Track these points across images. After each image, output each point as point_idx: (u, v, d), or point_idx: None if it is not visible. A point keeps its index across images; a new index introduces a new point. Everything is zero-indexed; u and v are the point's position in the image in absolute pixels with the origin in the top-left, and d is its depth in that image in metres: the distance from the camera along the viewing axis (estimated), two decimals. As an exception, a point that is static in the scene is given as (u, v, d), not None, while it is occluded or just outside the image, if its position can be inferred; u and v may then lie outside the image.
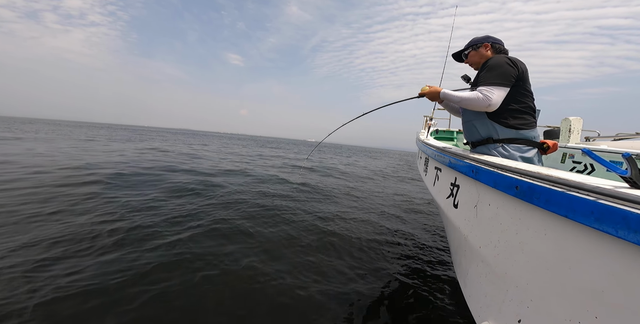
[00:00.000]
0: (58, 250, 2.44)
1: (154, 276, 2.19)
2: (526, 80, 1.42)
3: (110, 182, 4.94)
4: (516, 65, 1.39)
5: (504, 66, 1.37)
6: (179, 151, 12.49)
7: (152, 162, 7.85)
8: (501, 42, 1.60)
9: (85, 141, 14.10)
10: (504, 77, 1.36)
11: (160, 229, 3.08)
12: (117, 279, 2.07)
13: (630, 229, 0.51)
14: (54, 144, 11.12)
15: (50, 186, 4.41)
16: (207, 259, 2.53)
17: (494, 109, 1.36)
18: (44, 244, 2.51)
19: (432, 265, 2.97)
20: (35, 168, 5.58)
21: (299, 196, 5.50)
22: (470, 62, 1.68)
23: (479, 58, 1.61)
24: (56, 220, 3.12)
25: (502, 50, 1.59)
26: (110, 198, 4.03)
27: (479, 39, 1.63)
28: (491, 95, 1.33)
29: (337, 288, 2.31)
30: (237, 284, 2.21)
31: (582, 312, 0.62)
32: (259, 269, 2.46)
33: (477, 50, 1.62)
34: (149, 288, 2.03)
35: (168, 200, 4.25)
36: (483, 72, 1.43)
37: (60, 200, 3.79)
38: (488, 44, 1.59)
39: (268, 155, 15.88)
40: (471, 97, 1.37)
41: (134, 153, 9.83)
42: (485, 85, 1.37)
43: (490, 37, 1.61)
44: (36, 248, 2.44)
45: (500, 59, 1.42)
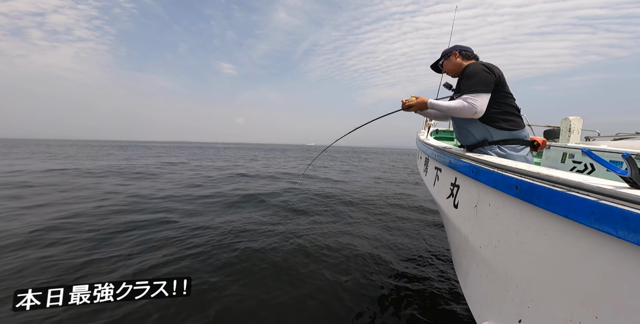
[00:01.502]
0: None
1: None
2: (504, 83, 1.50)
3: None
4: (492, 71, 1.46)
5: (481, 73, 1.44)
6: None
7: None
8: (469, 48, 1.71)
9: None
10: (483, 84, 1.42)
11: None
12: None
13: (630, 229, 0.51)
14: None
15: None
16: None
17: (480, 115, 1.42)
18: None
19: (432, 265, 2.97)
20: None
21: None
22: (446, 71, 1.78)
23: (452, 66, 1.72)
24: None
25: (471, 56, 1.69)
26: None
27: (448, 49, 1.76)
28: (475, 102, 1.38)
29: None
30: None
31: (582, 312, 0.62)
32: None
33: (449, 59, 1.72)
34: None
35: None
36: (463, 81, 1.50)
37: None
38: (456, 52, 1.70)
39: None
40: (457, 106, 1.43)
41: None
42: (467, 93, 1.42)
43: (457, 46, 1.73)
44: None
45: (476, 67, 1.48)
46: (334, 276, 2.56)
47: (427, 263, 3.00)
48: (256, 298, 2.20)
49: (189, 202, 5.38)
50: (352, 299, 2.23)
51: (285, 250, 3.11)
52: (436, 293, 2.41)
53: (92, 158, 16.56)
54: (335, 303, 2.18)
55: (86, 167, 10.86)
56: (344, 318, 2.02)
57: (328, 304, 2.15)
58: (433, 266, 2.94)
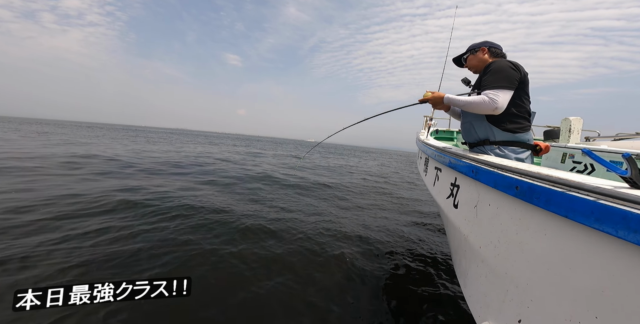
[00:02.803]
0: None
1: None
2: (527, 84, 1.45)
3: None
4: (518, 69, 1.41)
5: (507, 70, 1.39)
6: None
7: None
8: (499, 46, 1.63)
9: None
10: (508, 80, 1.37)
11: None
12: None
13: (630, 229, 0.51)
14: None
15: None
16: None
17: (500, 112, 1.37)
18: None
19: (432, 263, 2.97)
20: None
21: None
22: (470, 66, 1.72)
23: (477, 62, 1.65)
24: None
25: (500, 54, 1.62)
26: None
27: (477, 44, 1.67)
28: (497, 98, 1.34)
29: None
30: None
31: (582, 312, 0.62)
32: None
33: (475, 55, 1.66)
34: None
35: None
36: (486, 76, 1.44)
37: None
38: (485, 48, 1.63)
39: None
40: (477, 101, 1.38)
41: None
42: (490, 88, 1.37)
43: (487, 42, 1.65)
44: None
45: (503, 63, 1.43)
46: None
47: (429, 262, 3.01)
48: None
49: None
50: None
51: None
52: (436, 292, 2.41)
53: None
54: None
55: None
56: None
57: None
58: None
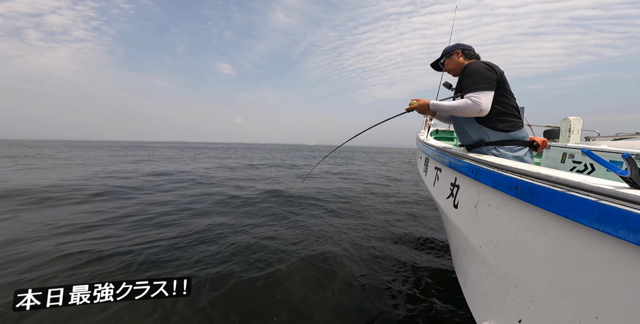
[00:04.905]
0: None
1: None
2: (505, 81, 1.48)
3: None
4: (494, 69, 1.45)
5: (483, 71, 1.43)
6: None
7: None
8: (471, 47, 1.69)
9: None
10: (487, 82, 1.41)
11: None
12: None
13: (630, 229, 0.51)
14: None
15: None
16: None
17: (486, 113, 1.40)
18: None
19: (432, 264, 2.96)
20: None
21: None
22: (447, 70, 1.77)
23: (454, 65, 1.70)
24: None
25: (473, 55, 1.67)
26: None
27: (450, 47, 1.73)
28: (480, 100, 1.37)
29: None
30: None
31: (582, 312, 0.62)
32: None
33: (451, 58, 1.71)
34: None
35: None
36: (465, 79, 1.47)
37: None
38: (459, 50, 1.68)
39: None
40: (461, 105, 1.41)
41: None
42: (471, 91, 1.41)
43: (459, 45, 1.71)
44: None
45: (478, 65, 1.47)
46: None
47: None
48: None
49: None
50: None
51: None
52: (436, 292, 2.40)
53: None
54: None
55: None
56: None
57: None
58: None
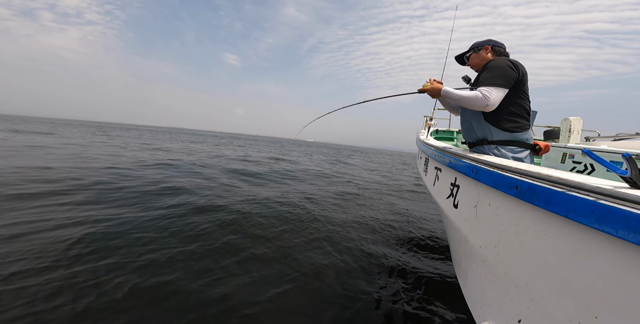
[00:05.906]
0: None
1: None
2: (525, 83, 1.44)
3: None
4: (517, 68, 1.41)
5: (504, 68, 1.40)
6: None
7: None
8: (502, 45, 1.63)
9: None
10: (504, 79, 1.38)
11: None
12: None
13: (630, 229, 0.51)
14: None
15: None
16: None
17: (491, 109, 1.38)
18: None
19: (432, 265, 2.96)
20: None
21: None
22: (472, 65, 1.71)
23: (479, 60, 1.64)
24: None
25: (503, 53, 1.62)
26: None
27: (481, 42, 1.66)
28: (490, 95, 1.35)
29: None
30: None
31: (582, 312, 0.62)
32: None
33: (478, 53, 1.65)
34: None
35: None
36: (484, 73, 1.45)
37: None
38: (489, 46, 1.62)
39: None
40: (470, 96, 1.39)
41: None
42: (485, 85, 1.38)
43: (491, 40, 1.64)
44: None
45: (501, 61, 1.44)
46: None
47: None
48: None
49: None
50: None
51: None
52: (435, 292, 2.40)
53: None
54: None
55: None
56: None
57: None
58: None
